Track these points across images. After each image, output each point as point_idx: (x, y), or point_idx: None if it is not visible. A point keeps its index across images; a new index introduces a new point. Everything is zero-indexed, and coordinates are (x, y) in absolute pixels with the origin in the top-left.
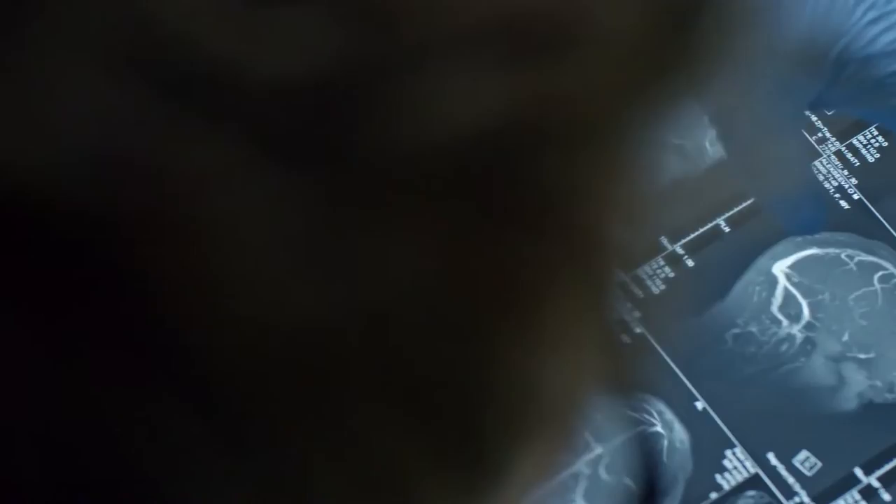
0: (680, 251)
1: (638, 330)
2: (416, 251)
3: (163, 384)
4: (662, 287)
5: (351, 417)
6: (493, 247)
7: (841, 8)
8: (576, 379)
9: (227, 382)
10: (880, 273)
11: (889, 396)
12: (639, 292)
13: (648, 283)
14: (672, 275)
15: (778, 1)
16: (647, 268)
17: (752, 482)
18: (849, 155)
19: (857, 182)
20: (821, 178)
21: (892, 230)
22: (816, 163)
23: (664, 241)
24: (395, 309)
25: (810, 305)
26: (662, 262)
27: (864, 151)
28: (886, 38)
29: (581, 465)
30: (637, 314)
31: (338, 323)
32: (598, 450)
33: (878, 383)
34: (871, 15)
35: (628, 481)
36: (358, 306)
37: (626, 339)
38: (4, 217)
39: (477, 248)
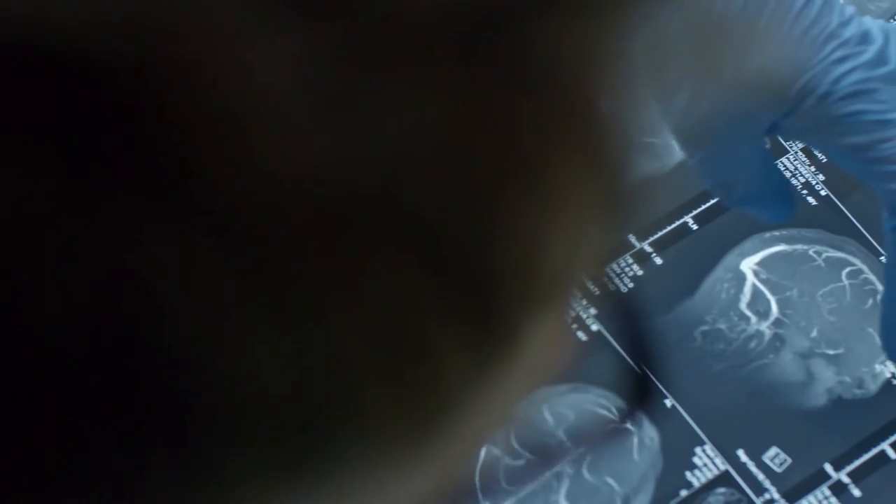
0: (648, 249)
1: (594, 328)
2: (427, 106)
3: (197, 238)
4: (631, 285)
5: (371, 269)
6: (500, 105)
7: (811, 42)
8: (579, 243)
9: (253, 220)
10: (848, 269)
11: (858, 392)
12: (595, 289)
13: (617, 281)
14: (640, 272)
15: (749, 28)
16: (615, 266)
17: (722, 479)
18: (816, 151)
19: (824, 178)
20: (788, 174)
21: (859, 226)
22: (784, 159)
23: (632, 238)
24: (408, 160)
25: (779, 302)
26: (631, 260)
27: None
28: (848, 79)
29: (564, 465)
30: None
31: (356, 171)
32: (582, 449)
33: (847, 379)
34: (838, 53)
35: (610, 481)
36: (374, 156)
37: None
38: (39, 68)
39: (484, 105)
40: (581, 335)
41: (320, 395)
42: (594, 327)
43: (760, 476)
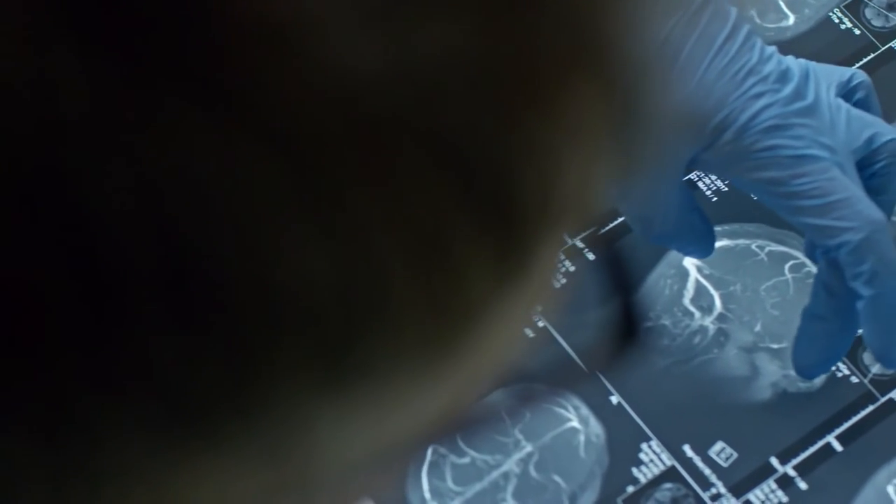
0: (580, 245)
1: (540, 324)
2: (460, 23)
3: (246, 143)
4: (562, 280)
5: (407, 181)
6: (521, 26)
7: (731, 78)
8: (592, 171)
9: (300, 128)
10: (791, 262)
11: (802, 385)
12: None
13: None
14: (573, 269)
15: (671, 63)
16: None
17: (669, 475)
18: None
19: None
20: None
21: None
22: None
23: (575, 239)
24: (442, 75)
25: (722, 297)
26: (562, 256)
27: None
28: (765, 115)
29: (511, 464)
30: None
31: (395, 84)
32: (528, 448)
33: (792, 373)
34: (757, 89)
35: (557, 478)
36: (412, 69)
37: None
38: None
39: (507, 25)
40: (527, 331)
41: (360, 299)
42: (540, 323)
43: (707, 471)
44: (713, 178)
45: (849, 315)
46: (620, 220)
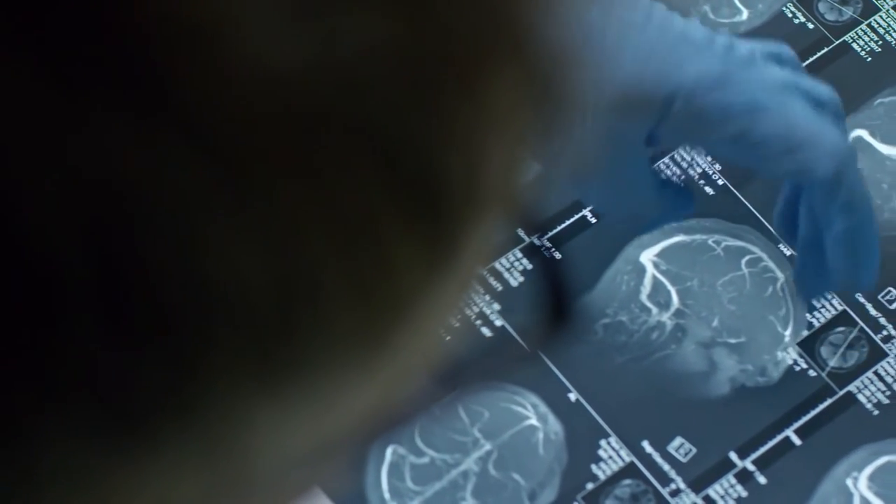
0: (548, 244)
1: (498, 322)
2: (374, 12)
3: (172, 143)
4: (521, 279)
5: (334, 176)
6: (439, 15)
7: (663, 48)
8: (516, 161)
9: (225, 126)
10: (747, 257)
11: (761, 380)
12: (498, 285)
13: (507, 276)
14: (531, 267)
15: (599, 44)
16: (504, 260)
17: (628, 471)
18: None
19: (720, 168)
20: (685, 165)
21: (757, 214)
22: (681, 149)
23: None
24: (365, 68)
25: (679, 292)
26: (520, 255)
27: None
28: (706, 74)
29: (470, 463)
30: (497, 307)
31: (319, 79)
32: (487, 446)
33: (750, 367)
34: (691, 52)
35: (516, 476)
36: (336, 64)
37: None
38: None
39: (425, 14)
40: (485, 331)
41: (292, 292)
42: (498, 322)
43: (666, 466)
44: (668, 173)
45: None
46: (575, 217)
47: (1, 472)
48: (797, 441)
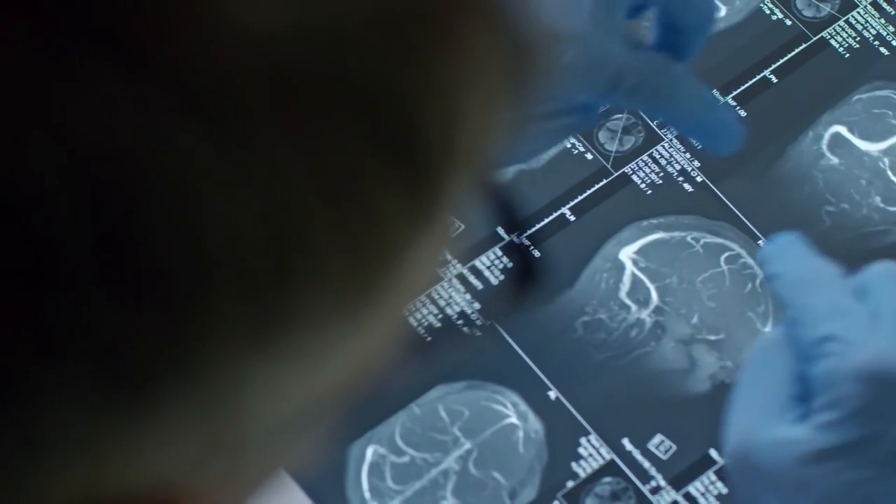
0: (527, 242)
1: (486, 322)
2: None
3: (163, 102)
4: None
5: (320, 132)
6: None
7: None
8: (491, 118)
9: (212, 83)
10: (726, 254)
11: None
12: (478, 284)
13: (487, 274)
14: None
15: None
16: (484, 258)
17: (608, 468)
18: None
19: (699, 164)
20: (663, 162)
21: (736, 210)
22: (658, 147)
23: (500, 231)
24: (341, 22)
25: (658, 290)
26: (501, 253)
27: None
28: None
29: (451, 462)
30: (477, 306)
31: (303, 37)
32: (467, 445)
33: (729, 364)
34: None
35: (497, 475)
36: (319, 22)
37: (475, 331)
38: None
39: None
40: (467, 330)
41: (284, 245)
42: (479, 322)
43: (646, 464)
44: (647, 171)
45: None
46: (554, 216)
47: (2, 433)
48: None
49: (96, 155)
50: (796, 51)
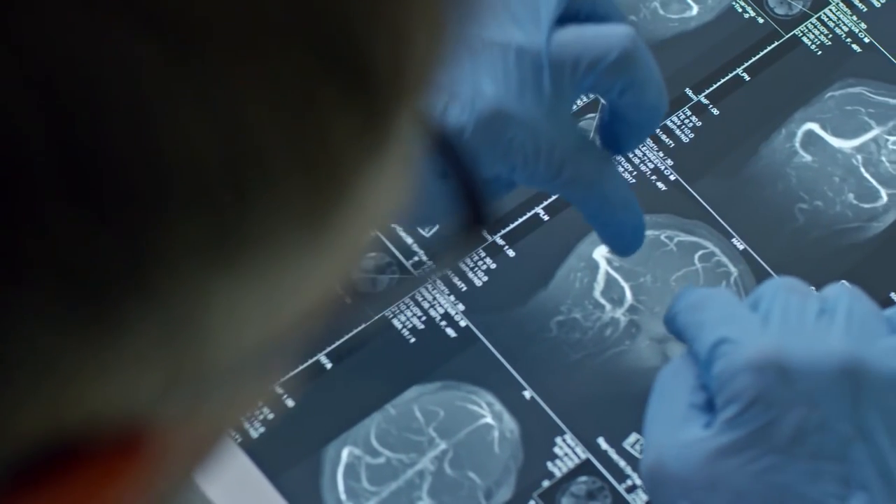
0: (500, 241)
1: (463, 323)
2: None
3: (123, 23)
4: (485, 279)
5: (275, 54)
6: None
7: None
8: (436, 41)
9: (174, 11)
10: (700, 252)
11: None
12: (462, 285)
13: (471, 275)
14: (494, 266)
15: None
16: (468, 259)
17: (584, 468)
18: (663, 136)
19: (672, 163)
20: (636, 160)
21: (709, 209)
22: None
23: (483, 232)
24: None
25: (632, 288)
26: (484, 253)
27: (678, 132)
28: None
29: (426, 463)
30: (461, 307)
31: None
32: (443, 446)
33: None
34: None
35: (472, 475)
36: None
37: (452, 333)
38: None
39: None
40: (450, 331)
41: (243, 168)
42: (462, 323)
43: (622, 463)
44: (620, 169)
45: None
46: (528, 215)
47: None
48: None
49: (54, 66)
50: (768, 49)
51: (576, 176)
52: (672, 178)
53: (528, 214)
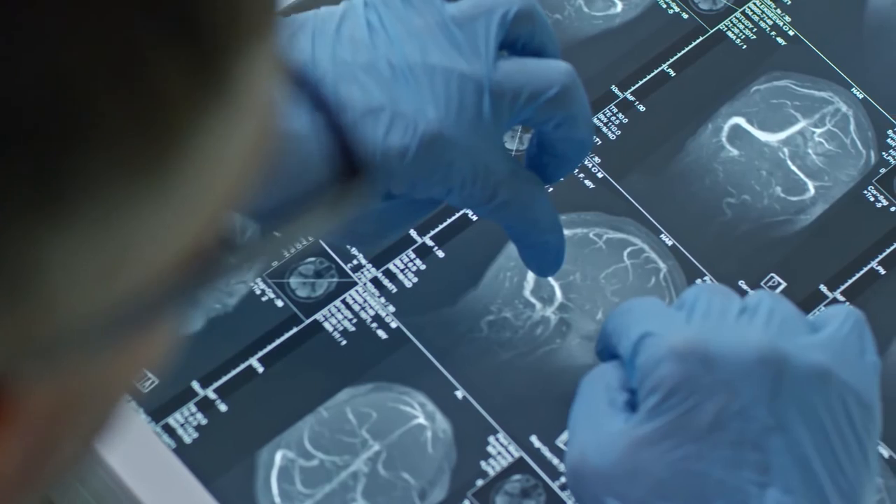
0: (430, 242)
1: (394, 324)
2: None
3: None
4: (415, 280)
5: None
6: None
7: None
8: None
9: None
10: (629, 249)
11: None
12: (392, 286)
13: (401, 277)
14: (423, 266)
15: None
16: (398, 261)
17: (517, 466)
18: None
19: (600, 161)
20: None
21: (637, 205)
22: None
23: (413, 233)
24: None
25: (562, 287)
26: (413, 255)
27: (605, 130)
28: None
29: (359, 464)
30: (392, 308)
31: None
32: (376, 447)
33: None
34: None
35: (406, 476)
36: None
37: (383, 334)
38: None
39: None
40: (381, 333)
41: (66, 113)
42: (393, 324)
43: (555, 460)
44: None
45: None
46: (457, 216)
47: None
48: None
49: None
50: (693, 44)
51: (509, 200)
52: (600, 175)
53: (457, 215)
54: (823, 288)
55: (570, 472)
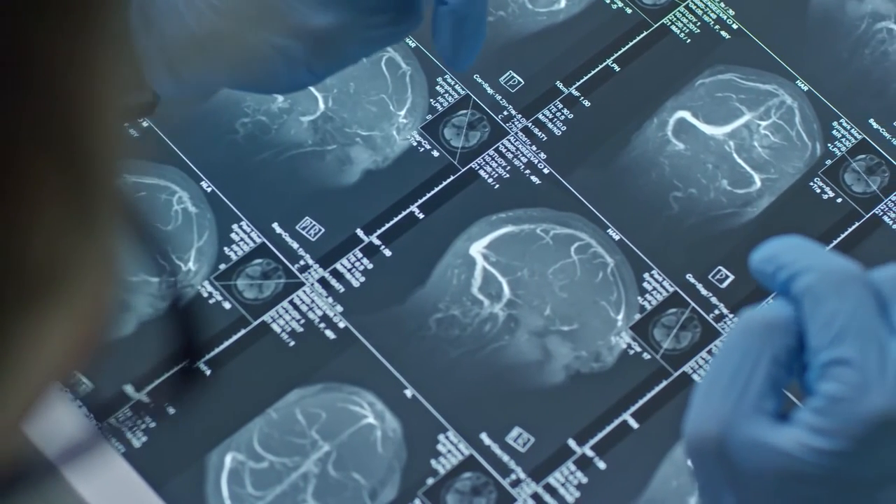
0: (377, 242)
1: (342, 325)
2: None
3: None
4: (363, 279)
5: None
6: None
7: None
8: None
9: None
10: (577, 244)
11: (595, 366)
12: (339, 286)
13: (348, 276)
14: (371, 266)
15: None
16: (345, 261)
17: (468, 464)
18: (535, 130)
19: (545, 156)
20: (510, 155)
21: (584, 200)
22: (504, 141)
23: (360, 233)
24: None
25: (510, 283)
26: (361, 254)
27: (550, 125)
28: None
29: (310, 465)
30: (340, 308)
31: None
32: (326, 447)
33: (584, 353)
34: None
35: (357, 476)
36: None
37: (331, 335)
38: None
39: None
40: (329, 333)
41: None
42: (341, 325)
43: (505, 458)
44: (494, 165)
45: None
46: (403, 214)
47: None
48: (634, 425)
49: None
50: (638, 39)
51: None
52: (546, 171)
53: (403, 213)
54: None
55: (698, 447)
